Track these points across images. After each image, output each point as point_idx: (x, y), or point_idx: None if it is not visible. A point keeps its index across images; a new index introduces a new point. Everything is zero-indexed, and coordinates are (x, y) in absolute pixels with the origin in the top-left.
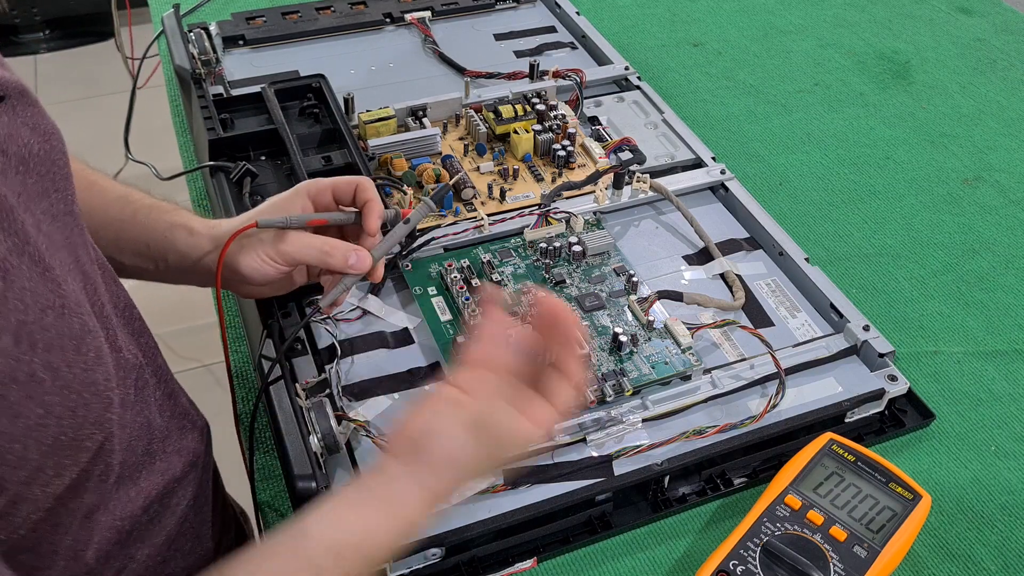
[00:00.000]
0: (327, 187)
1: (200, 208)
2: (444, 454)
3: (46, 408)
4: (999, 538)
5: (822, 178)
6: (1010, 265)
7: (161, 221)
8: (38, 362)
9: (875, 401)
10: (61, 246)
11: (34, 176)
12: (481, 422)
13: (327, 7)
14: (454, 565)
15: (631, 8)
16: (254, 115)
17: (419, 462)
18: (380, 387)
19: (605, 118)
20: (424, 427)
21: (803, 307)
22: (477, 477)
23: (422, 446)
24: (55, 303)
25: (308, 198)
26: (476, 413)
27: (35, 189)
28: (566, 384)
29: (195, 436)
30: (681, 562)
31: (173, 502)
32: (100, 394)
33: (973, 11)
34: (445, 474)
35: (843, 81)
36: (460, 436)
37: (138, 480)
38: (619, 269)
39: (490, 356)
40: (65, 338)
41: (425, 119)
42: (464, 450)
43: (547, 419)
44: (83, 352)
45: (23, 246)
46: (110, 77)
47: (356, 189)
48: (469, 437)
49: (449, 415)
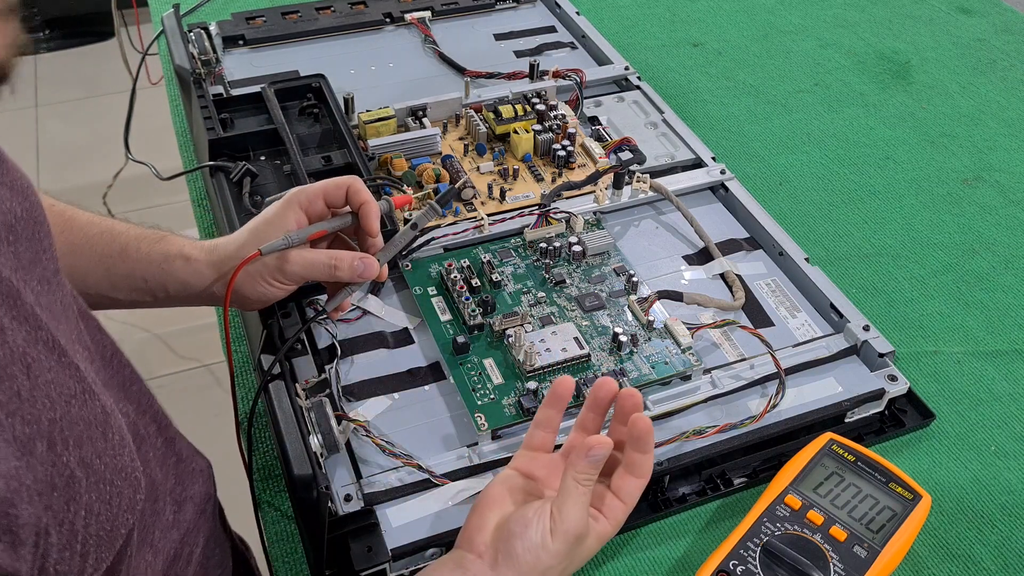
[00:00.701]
0: (318, 194)
1: (200, 208)
2: (531, 559)
3: (86, 508)
4: (999, 538)
5: (822, 178)
6: (1010, 265)
7: (154, 253)
8: (73, 460)
9: (875, 401)
10: (60, 315)
11: (24, 243)
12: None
13: (327, 7)
14: None
15: (631, 8)
16: (254, 115)
17: (506, 566)
18: (380, 387)
19: (605, 118)
20: (512, 529)
21: (803, 307)
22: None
23: (508, 550)
24: (76, 390)
25: (300, 209)
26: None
27: (27, 257)
28: (635, 482)
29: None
30: (681, 562)
31: (186, 552)
32: (129, 477)
33: (973, 11)
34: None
35: (843, 81)
36: (549, 543)
37: (153, 541)
38: (619, 269)
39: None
40: (93, 427)
41: (425, 119)
42: (549, 555)
43: (619, 515)
44: (109, 438)
45: (36, 332)
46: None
47: (348, 191)
48: (557, 543)
49: (536, 521)
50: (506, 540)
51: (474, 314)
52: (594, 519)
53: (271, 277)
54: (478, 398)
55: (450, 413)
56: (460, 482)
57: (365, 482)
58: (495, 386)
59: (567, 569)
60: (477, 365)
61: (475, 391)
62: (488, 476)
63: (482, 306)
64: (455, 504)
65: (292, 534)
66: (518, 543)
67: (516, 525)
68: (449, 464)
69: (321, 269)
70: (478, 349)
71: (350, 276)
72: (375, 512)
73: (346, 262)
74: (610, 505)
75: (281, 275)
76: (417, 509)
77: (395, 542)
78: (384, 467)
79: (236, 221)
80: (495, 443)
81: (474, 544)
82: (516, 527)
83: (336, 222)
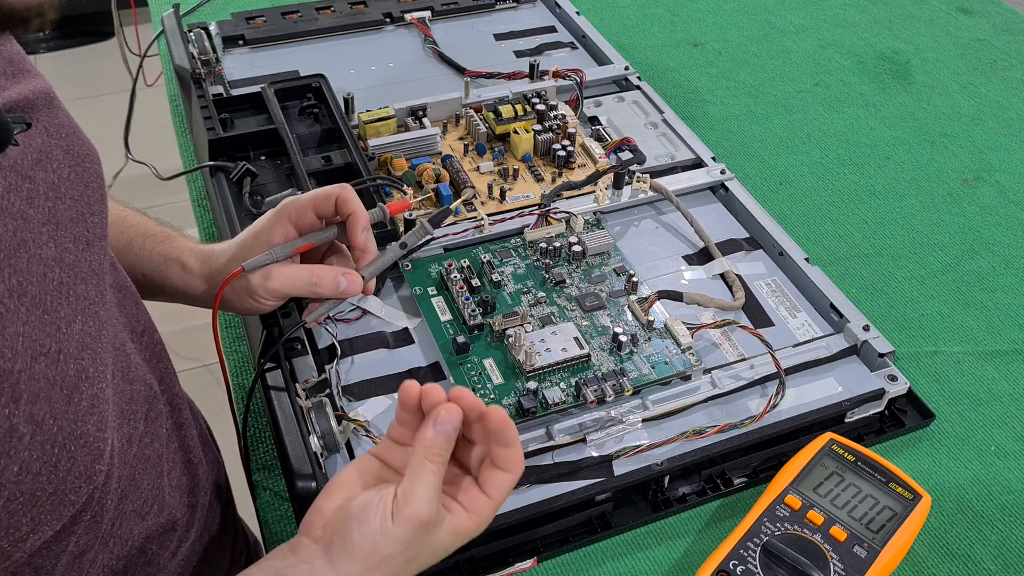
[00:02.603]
0: (307, 205)
1: (200, 208)
2: (368, 545)
3: (21, 464)
4: (999, 538)
5: (822, 178)
6: (1010, 265)
7: (156, 253)
8: (20, 415)
9: (875, 401)
10: (88, 274)
11: (67, 201)
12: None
13: (327, 7)
14: (454, 564)
15: (631, 8)
16: (254, 115)
17: (340, 552)
18: (380, 387)
19: (605, 118)
20: (351, 512)
21: (803, 307)
22: (407, 573)
23: (344, 534)
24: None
25: (289, 223)
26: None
27: (67, 215)
28: (503, 475)
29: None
30: (681, 562)
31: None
32: (89, 445)
33: (973, 11)
34: (368, 566)
35: (843, 81)
36: (390, 528)
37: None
38: (619, 269)
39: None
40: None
41: (425, 119)
42: (388, 542)
43: (482, 510)
44: (74, 401)
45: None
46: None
47: (336, 201)
48: (399, 528)
49: (377, 503)
50: (344, 524)
51: (474, 314)
52: (448, 510)
53: (256, 294)
54: None
55: None
56: None
57: None
58: (495, 386)
59: (413, 562)
60: (477, 365)
61: (475, 391)
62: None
63: (482, 306)
64: None
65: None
66: (355, 527)
67: (356, 508)
68: None
69: (302, 285)
70: (478, 349)
71: (332, 293)
72: None
73: (328, 279)
74: (472, 497)
75: (264, 291)
76: None
77: None
78: None
79: (236, 221)
80: None
81: (312, 528)
82: (356, 510)
83: (322, 235)
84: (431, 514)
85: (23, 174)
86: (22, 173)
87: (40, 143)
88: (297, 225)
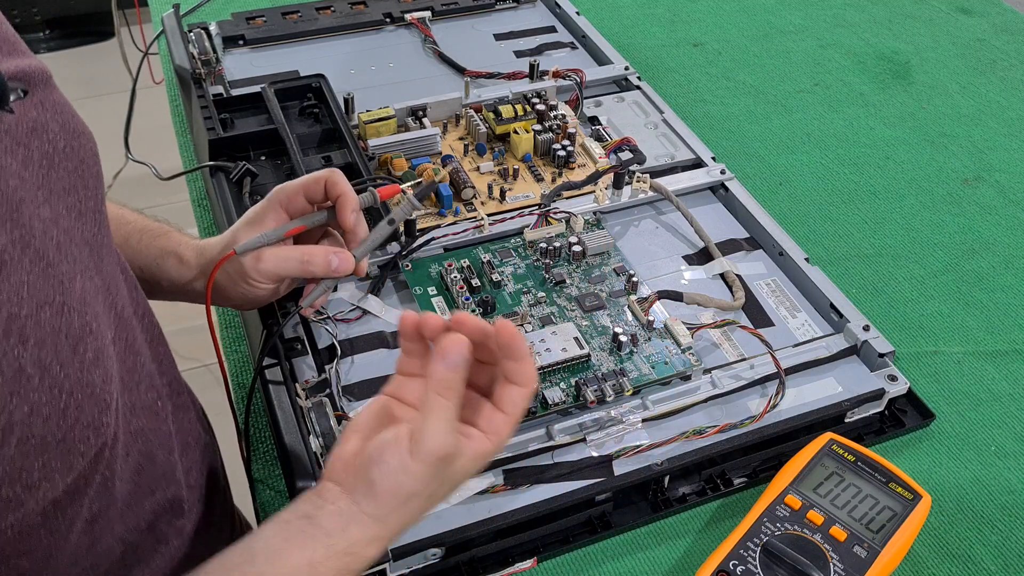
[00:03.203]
0: (297, 190)
1: (200, 208)
2: (390, 485)
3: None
4: (999, 538)
5: (822, 178)
6: (1010, 265)
7: (152, 247)
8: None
9: (875, 401)
10: (81, 243)
11: (60, 171)
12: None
13: (327, 7)
14: (454, 565)
15: (631, 8)
16: (254, 115)
17: (364, 494)
18: (380, 387)
19: (605, 118)
20: (370, 454)
21: (803, 307)
22: (433, 504)
23: (366, 477)
24: (55, 299)
25: (281, 208)
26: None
27: (61, 184)
28: (518, 390)
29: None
30: (681, 562)
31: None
32: (96, 396)
33: (973, 11)
34: (394, 505)
35: (843, 81)
36: (409, 465)
37: (154, 492)
38: (619, 269)
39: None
40: (61, 335)
41: (425, 119)
42: (414, 481)
43: (500, 428)
44: (80, 352)
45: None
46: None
47: (326, 185)
48: (418, 465)
49: (394, 443)
50: (364, 466)
51: (474, 314)
52: (466, 436)
53: (250, 277)
54: None
55: None
56: None
57: None
58: None
59: (437, 493)
60: None
61: None
62: (488, 476)
63: (482, 306)
64: (455, 504)
65: None
66: (375, 469)
67: (374, 450)
68: None
69: (294, 265)
70: None
71: (324, 271)
72: None
73: (319, 257)
74: (489, 417)
75: (257, 274)
76: None
77: (395, 542)
78: None
79: (236, 221)
80: None
81: (335, 472)
82: (374, 452)
83: (313, 218)
84: (449, 447)
85: (18, 140)
86: (17, 139)
87: (36, 115)
88: (288, 210)
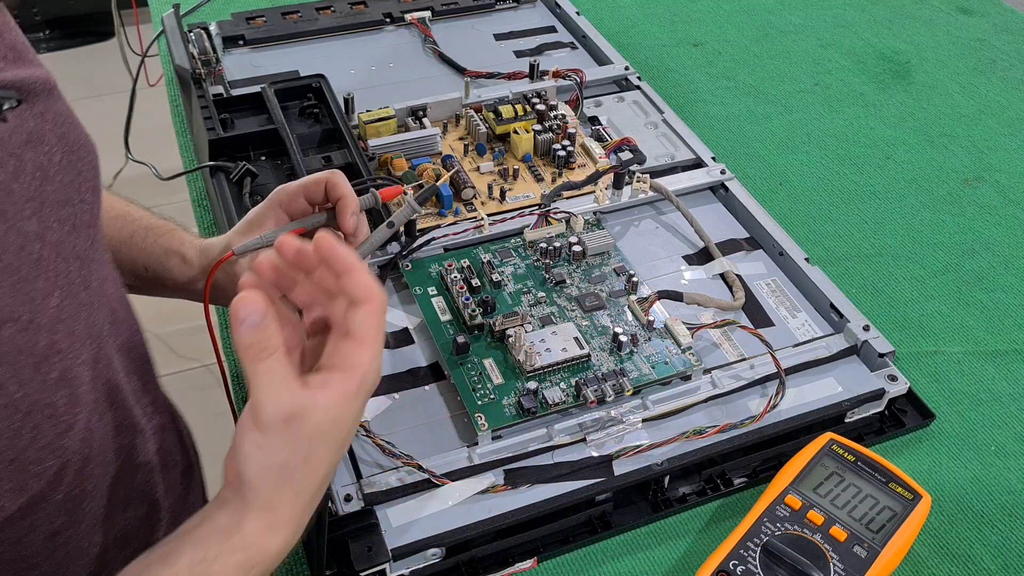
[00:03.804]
0: (297, 192)
1: (200, 208)
2: (256, 469)
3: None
4: (999, 538)
5: (822, 178)
6: (1010, 265)
7: (156, 246)
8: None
9: (875, 401)
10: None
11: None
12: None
13: (327, 7)
14: (454, 565)
15: (631, 8)
16: (254, 115)
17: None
18: (380, 387)
19: (605, 118)
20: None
21: (803, 307)
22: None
23: (236, 469)
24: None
25: (281, 209)
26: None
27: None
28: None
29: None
30: (681, 562)
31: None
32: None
33: (973, 11)
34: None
35: (843, 81)
36: (259, 440)
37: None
38: (619, 269)
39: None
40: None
41: (425, 119)
42: (272, 453)
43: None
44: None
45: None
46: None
47: (326, 187)
48: (267, 437)
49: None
50: (231, 459)
51: (474, 314)
52: (311, 385)
53: None
54: (478, 398)
55: (450, 413)
56: (460, 482)
57: (365, 482)
58: (495, 386)
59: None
60: (477, 365)
61: (475, 391)
62: (488, 476)
63: (482, 306)
64: (455, 504)
65: None
66: (237, 458)
67: (233, 441)
68: (449, 464)
69: None
70: (478, 349)
71: None
72: (375, 512)
73: None
74: (338, 352)
75: None
76: (417, 509)
77: (395, 542)
78: (384, 467)
79: (236, 221)
80: (495, 443)
81: (225, 472)
82: (233, 443)
83: (313, 219)
84: (288, 406)
85: (10, 151)
86: (9, 150)
87: (33, 126)
88: (289, 211)
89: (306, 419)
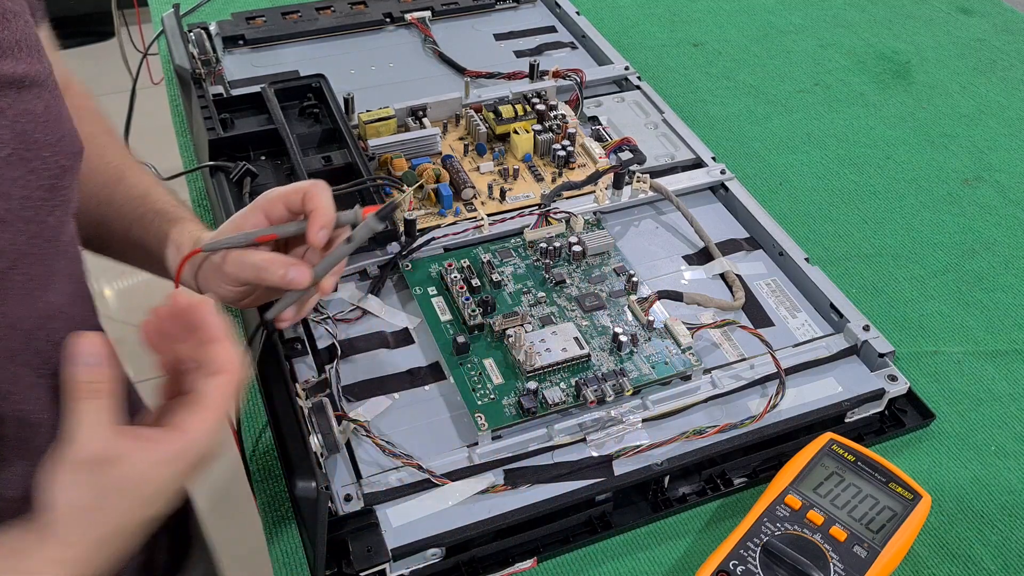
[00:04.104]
0: (278, 198)
1: (200, 208)
2: (58, 501)
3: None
4: (999, 538)
5: (822, 178)
6: (1010, 265)
7: (160, 232)
8: None
9: (875, 401)
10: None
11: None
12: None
13: (327, 7)
14: (454, 565)
15: (631, 8)
16: (254, 115)
17: (44, 525)
18: (380, 387)
19: (605, 118)
20: (50, 477)
21: (803, 307)
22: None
23: (48, 497)
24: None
25: (262, 213)
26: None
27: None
28: (208, 380)
29: None
30: (681, 562)
31: None
32: None
33: (973, 11)
34: (68, 522)
35: (843, 81)
36: (58, 476)
37: None
38: (619, 269)
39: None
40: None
41: (425, 119)
42: (70, 491)
43: (189, 423)
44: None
45: None
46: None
47: (304, 197)
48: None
49: (58, 459)
50: (46, 485)
51: (474, 314)
52: (135, 437)
53: (218, 277)
54: (478, 398)
55: (450, 413)
56: (460, 482)
57: (365, 482)
58: (495, 386)
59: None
60: (477, 365)
61: (475, 391)
62: (488, 476)
63: (482, 306)
64: (455, 504)
65: (293, 535)
66: (49, 485)
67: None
68: (449, 464)
69: (250, 270)
70: (478, 349)
71: (278, 281)
72: (375, 512)
73: (275, 266)
74: (177, 411)
75: (222, 275)
76: (417, 509)
77: (395, 542)
78: (384, 467)
79: None
80: (495, 443)
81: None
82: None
83: (285, 228)
84: (97, 451)
85: None
86: None
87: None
88: (269, 216)
89: (110, 468)
